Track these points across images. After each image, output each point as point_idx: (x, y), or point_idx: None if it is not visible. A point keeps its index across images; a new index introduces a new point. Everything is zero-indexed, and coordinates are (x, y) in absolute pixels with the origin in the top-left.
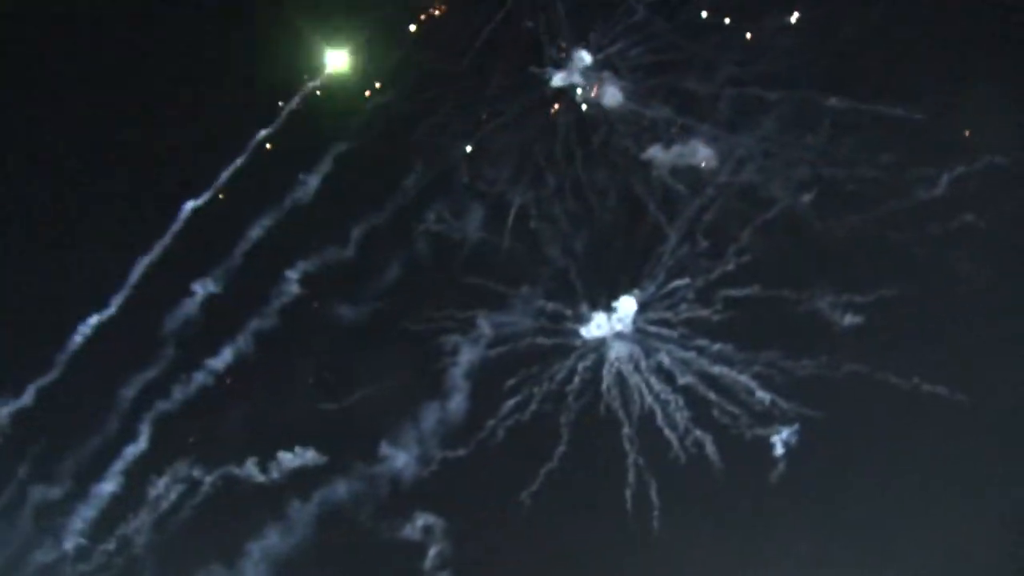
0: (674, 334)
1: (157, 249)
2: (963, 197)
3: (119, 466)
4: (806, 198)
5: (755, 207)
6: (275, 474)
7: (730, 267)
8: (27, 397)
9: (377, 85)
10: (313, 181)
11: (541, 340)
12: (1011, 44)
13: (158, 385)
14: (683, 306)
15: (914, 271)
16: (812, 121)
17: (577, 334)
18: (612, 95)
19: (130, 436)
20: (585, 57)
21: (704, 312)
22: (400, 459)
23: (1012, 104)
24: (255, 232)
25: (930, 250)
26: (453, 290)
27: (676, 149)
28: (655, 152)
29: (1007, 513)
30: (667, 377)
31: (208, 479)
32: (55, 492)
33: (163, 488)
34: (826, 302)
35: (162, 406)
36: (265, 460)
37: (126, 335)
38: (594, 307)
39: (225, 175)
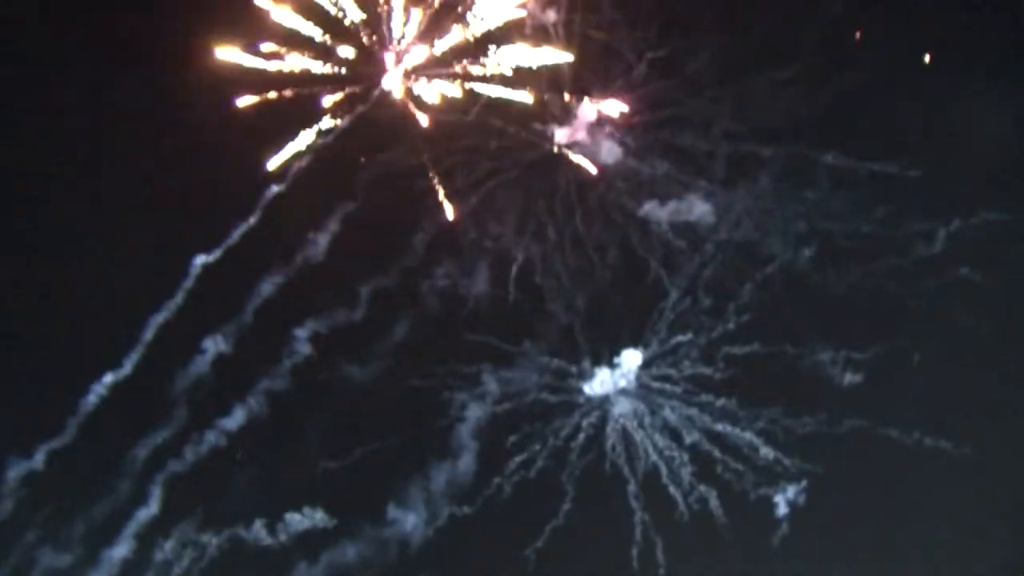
0: (677, 390)
1: (170, 306)
2: (960, 251)
3: (130, 530)
4: (805, 254)
5: (754, 262)
6: (283, 536)
7: (731, 325)
8: (37, 459)
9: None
10: (322, 240)
11: (546, 396)
12: (1007, 101)
13: (170, 446)
14: (686, 363)
15: (913, 325)
16: (808, 176)
17: (581, 390)
18: (610, 150)
19: (142, 499)
20: (590, 112)
21: (707, 370)
22: (408, 522)
23: (1008, 159)
24: (265, 289)
25: (928, 304)
26: (458, 347)
27: (672, 205)
28: (652, 208)
29: (1015, 567)
30: (672, 433)
31: (215, 541)
32: (65, 558)
33: (170, 552)
34: (827, 357)
35: (174, 467)
36: (273, 522)
37: (138, 395)
38: (597, 362)
39: (237, 233)
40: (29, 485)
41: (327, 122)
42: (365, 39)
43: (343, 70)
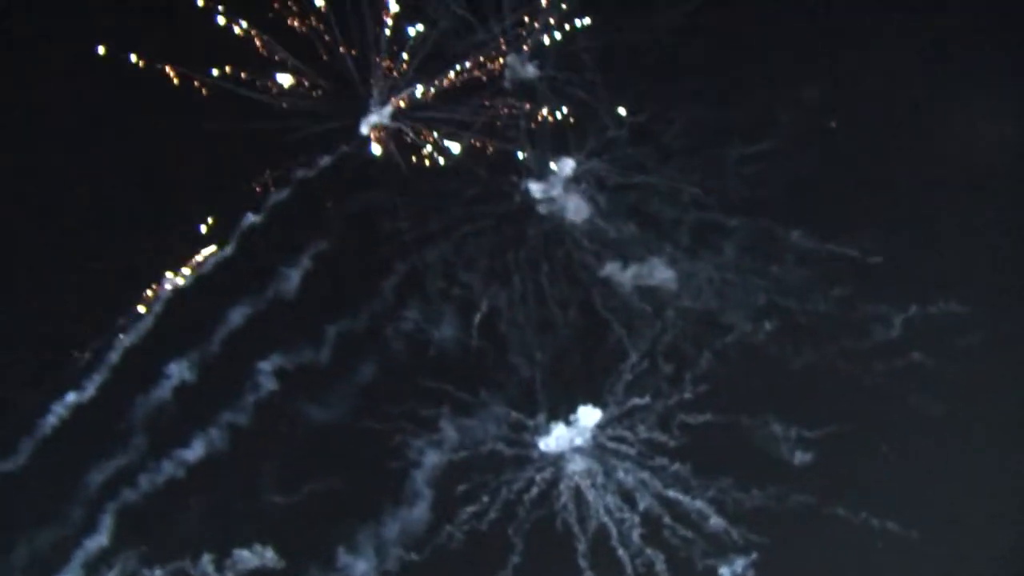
0: (632, 452)
1: (137, 329)
2: (914, 337)
3: (78, 559)
4: (764, 327)
5: (713, 332)
6: (230, 574)
7: (687, 394)
8: None
9: None
10: (294, 276)
11: (501, 448)
12: (979, 197)
13: (125, 474)
14: (641, 427)
15: (865, 407)
16: (771, 251)
17: (536, 445)
18: (579, 208)
19: (91, 527)
20: (568, 166)
21: (661, 436)
22: (358, 569)
23: (974, 250)
24: (234, 319)
25: (880, 386)
26: (418, 392)
27: (635, 268)
28: (613, 269)
29: None
30: (624, 495)
31: (159, 574)
32: None
33: None
34: (779, 432)
35: (127, 497)
36: (221, 558)
37: (97, 419)
38: (554, 418)
39: (212, 260)
40: None
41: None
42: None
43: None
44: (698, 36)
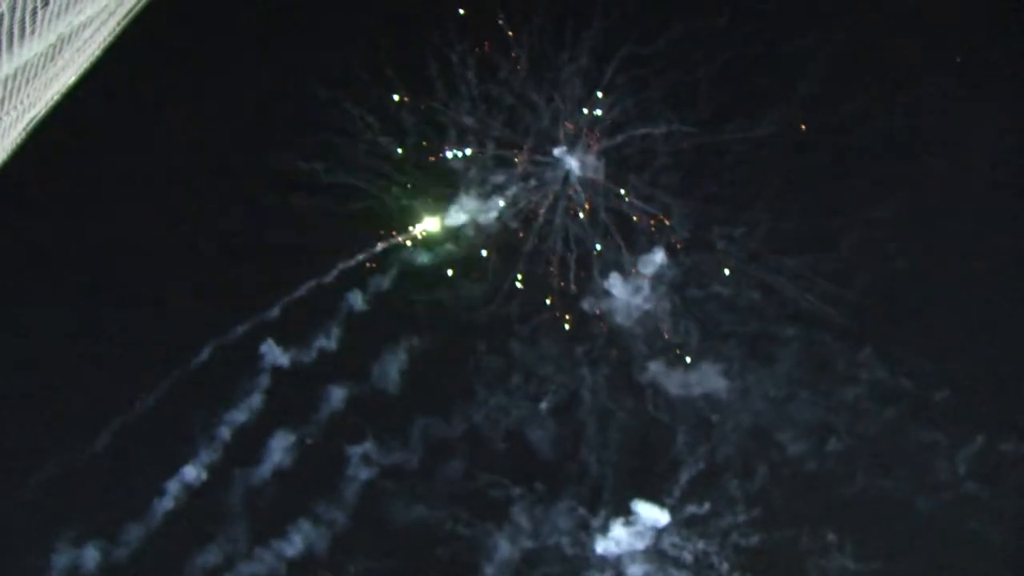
0: (690, 559)
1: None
2: (969, 469)
3: None
4: (818, 447)
5: (767, 447)
6: None
7: (741, 516)
8: (90, 555)
9: None
10: (391, 367)
11: (564, 545)
12: None
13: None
14: (700, 542)
15: (918, 539)
16: (827, 366)
17: (595, 547)
18: (639, 308)
19: None
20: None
21: (716, 557)
22: None
23: None
24: (335, 401)
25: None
26: (484, 486)
27: (680, 374)
28: (657, 369)
29: None
30: None
31: None
32: None
33: None
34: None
35: None
36: None
37: (200, 506)
38: (615, 516)
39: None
40: None
41: None
42: None
43: None
44: (768, 147)
